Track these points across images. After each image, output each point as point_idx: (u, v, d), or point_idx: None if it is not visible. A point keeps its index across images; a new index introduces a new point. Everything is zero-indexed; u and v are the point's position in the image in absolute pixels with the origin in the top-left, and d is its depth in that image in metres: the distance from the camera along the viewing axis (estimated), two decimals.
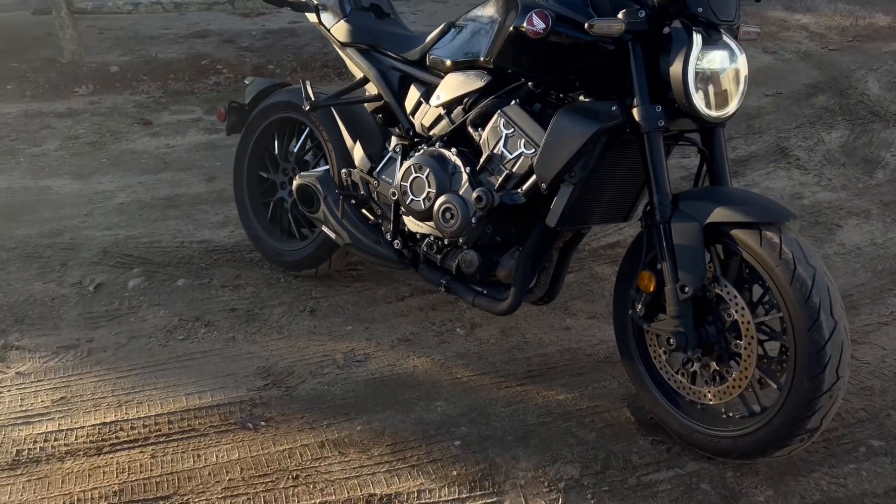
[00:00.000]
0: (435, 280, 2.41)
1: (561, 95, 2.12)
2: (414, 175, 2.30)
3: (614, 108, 1.94)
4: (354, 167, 2.61)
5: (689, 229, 1.88)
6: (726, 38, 1.91)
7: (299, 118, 2.83)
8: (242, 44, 6.34)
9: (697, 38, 1.86)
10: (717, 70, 1.90)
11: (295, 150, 2.91)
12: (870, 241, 3.19)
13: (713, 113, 1.91)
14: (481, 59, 2.17)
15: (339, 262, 2.87)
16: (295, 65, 5.57)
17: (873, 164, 3.94)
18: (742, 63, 1.93)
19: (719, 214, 1.84)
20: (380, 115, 2.63)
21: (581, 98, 2.05)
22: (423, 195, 2.28)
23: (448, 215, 2.21)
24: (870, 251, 3.11)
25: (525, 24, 1.99)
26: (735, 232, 1.84)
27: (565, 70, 2.03)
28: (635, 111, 1.92)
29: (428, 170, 2.26)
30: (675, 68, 1.87)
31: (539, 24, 1.97)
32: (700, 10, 1.85)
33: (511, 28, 2.04)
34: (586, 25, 1.88)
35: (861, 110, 4.66)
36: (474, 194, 2.12)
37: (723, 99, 1.92)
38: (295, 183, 2.68)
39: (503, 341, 2.60)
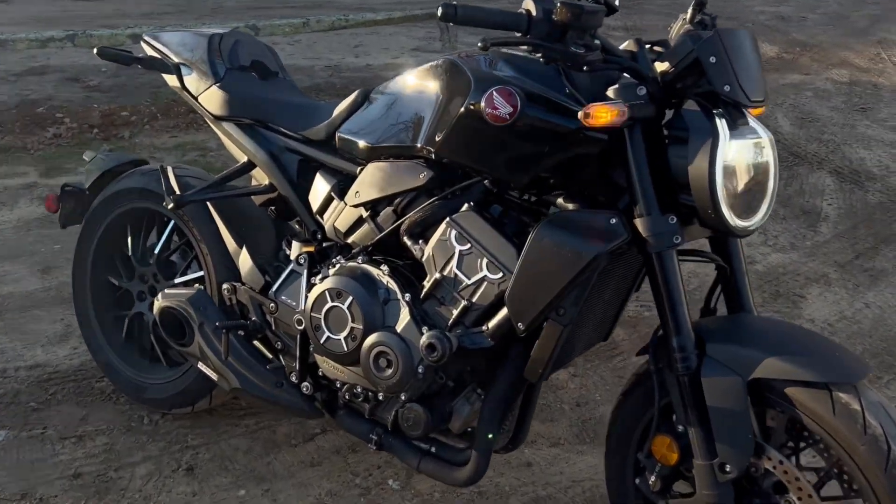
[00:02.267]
0: (362, 433, 1.79)
1: (527, 196, 1.57)
2: (330, 304, 1.67)
3: (614, 220, 1.40)
4: (240, 281, 1.94)
5: (729, 387, 1.36)
6: (752, 121, 1.43)
7: (161, 210, 2.13)
8: (90, 82, 5.43)
9: (723, 127, 1.36)
10: (747, 166, 1.40)
11: (157, 249, 2.19)
12: (839, 315, 2.84)
13: (743, 223, 1.41)
14: (418, 145, 1.58)
15: (225, 395, 2.17)
16: (155, 110, 4.75)
17: (814, 217, 3.65)
18: (772, 152, 1.45)
19: (771, 368, 1.33)
20: (272, 208, 1.98)
21: (561, 202, 1.50)
22: (346, 332, 1.65)
23: (383, 363, 1.60)
24: (843, 328, 2.75)
25: (483, 106, 1.43)
26: (793, 391, 1.34)
27: (536, 166, 1.48)
28: (640, 223, 1.40)
29: (350, 297, 1.64)
30: (698, 168, 1.36)
31: (504, 108, 1.41)
32: (727, 88, 1.35)
33: (462, 110, 1.47)
34: (581, 114, 1.34)
35: (781, 151, 4.40)
36: (424, 340, 1.52)
37: (752, 203, 1.43)
38: (156, 305, 1.97)
39: (450, 495, 2.00)
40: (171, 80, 2.02)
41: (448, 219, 1.55)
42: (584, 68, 1.41)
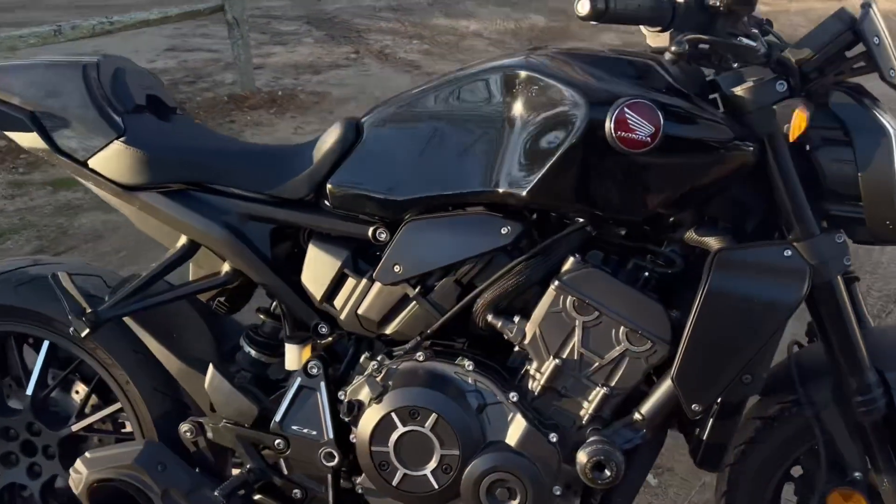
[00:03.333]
0: None
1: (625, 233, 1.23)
2: (403, 429, 1.18)
3: (788, 252, 1.12)
4: (199, 413, 1.35)
5: None
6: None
7: (28, 331, 1.43)
8: None
9: (888, 121, 1.14)
10: None
11: (29, 390, 1.47)
12: None
13: None
14: (499, 191, 1.15)
15: None
16: None
17: None
18: None
19: None
20: (220, 300, 1.41)
21: (692, 236, 1.18)
22: (433, 464, 1.18)
23: (503, 495, 1.16)
24: None
25: (612, 129, 1.06)
26: None
27: (669, 196, 1.14)
28: (803, 249, 1.13)
29: (433, 415, 1.17)
30: (877, 174, 1.12)
31: (643, 128, 1.06)
32: (893, 72, 1.12)
33: (573, 137, 1.08)
34: (789, 125, 1.04)
35: None
36: (585, 458, 1.11)
37: None
38: (79, 481, 1.30)
39: None
40: (28, 139, 1.32)
41: (556, 282, 1.15)
42: (735, 65, 1.09)
